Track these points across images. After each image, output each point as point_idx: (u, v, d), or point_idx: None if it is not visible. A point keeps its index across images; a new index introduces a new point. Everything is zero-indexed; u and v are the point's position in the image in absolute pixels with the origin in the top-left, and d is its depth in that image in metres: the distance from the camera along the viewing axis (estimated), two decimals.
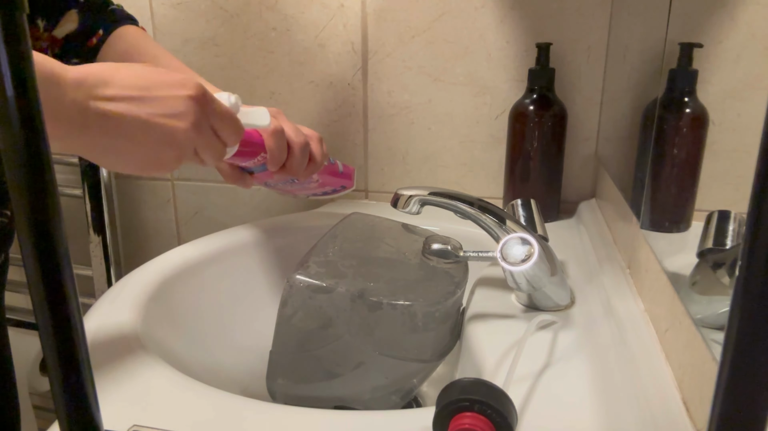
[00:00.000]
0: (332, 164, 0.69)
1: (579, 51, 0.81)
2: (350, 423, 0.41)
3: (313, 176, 0.66)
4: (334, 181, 0.70)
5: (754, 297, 0.18)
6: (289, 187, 0.69)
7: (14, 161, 0.17)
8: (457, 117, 0.87)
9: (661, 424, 0.37)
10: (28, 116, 0.17)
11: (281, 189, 0.70)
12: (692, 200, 0.44)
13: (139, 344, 0.50)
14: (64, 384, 0.20)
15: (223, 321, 0.67)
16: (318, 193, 0.73)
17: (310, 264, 0.53)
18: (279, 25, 0.90)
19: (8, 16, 0.16)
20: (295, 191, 0.72)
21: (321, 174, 0.67)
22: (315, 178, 0.67)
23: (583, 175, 0.86)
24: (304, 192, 0.72)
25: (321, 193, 0.74)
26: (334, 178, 0.70)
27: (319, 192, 0.73)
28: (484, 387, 0.35)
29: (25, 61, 0.17)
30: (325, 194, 0.74)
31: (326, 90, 0.91)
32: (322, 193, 0.74)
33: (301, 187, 0.69)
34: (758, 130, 0.17)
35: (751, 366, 0.18)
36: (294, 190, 0.71)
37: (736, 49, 0.38)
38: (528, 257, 0.49)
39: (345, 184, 0.72)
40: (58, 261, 0.19)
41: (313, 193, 0.73)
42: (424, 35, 0.85)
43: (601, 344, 0.48)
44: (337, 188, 0.72)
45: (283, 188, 0.70)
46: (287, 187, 0.69)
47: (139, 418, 0.40)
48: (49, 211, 0.18)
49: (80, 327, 0.20)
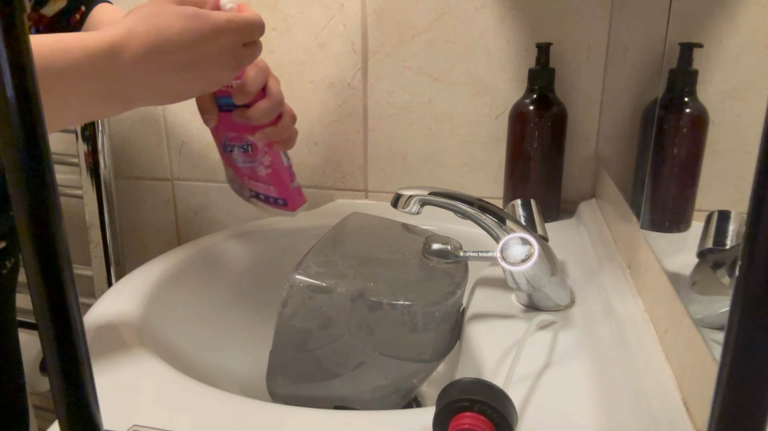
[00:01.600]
0: (288, 164, 0.67)
1: (579, 51, 0.81)
2: (350, 423, 0.41)
3: (266, 158, 0.64)
4: (281, 183, 0.66)
5: (754, 297, 0.18)
6: (241, 160, 0.66)
7: (14, 161, 0.17)
8: (457, 117, 0.87)
9: (661, 424, 0.37)
10: (28, 116, 0.17)
11: (229, 160, 0.67)
12: (692, 200, 0.44)
13: (139, 344, 0.50)
14: (64, 384, 0.20)
15: (223, 321, 0.67)
16: (260, 190, 0.68)
17: (309, 264, 0.53)
18: (279, 25, 0.90)
19: (8, 16, 0.16)
20: (243, 171, 0.67)
21: (274, 163, 0.65)
22: (267, 161, 0.65)
23: (583, 175, 0.86)
24: (249, 179, 0.68)
25: (263, 196, 0.69)
26: (282, 179, 0.66)
27: (261, 187, 0.68)
28: (484, 387, 0.35)
29: (26, 61, 0.17)
30: (267, 199, 0.69)
31: (326, 90, 0.91)
32: (264, 197, 0.69)
33: (251, 164, 0.66)
34: (758, 130, 0.17)
35: (751, 366, 0.18)
36: (243, 169, 0.67)
37: (736, 49, 0.38)
38: (528, 257, 0.49)
39: (287, 199, 0.68)
40: (58, 262, 0.19)
41: (256, 188, 0.68)
42: (424, 35, 0.85)
43: (601, 344, 0.48)
44: (279, 199, 0.68)
45: (232, 160, 0.67)
46: (238, 160, 0.66)
47: (139, 418, 0.40)
48: (49, 211, 0.18)
49: (80, 327, 0.20)
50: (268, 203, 0.69)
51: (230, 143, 0.65)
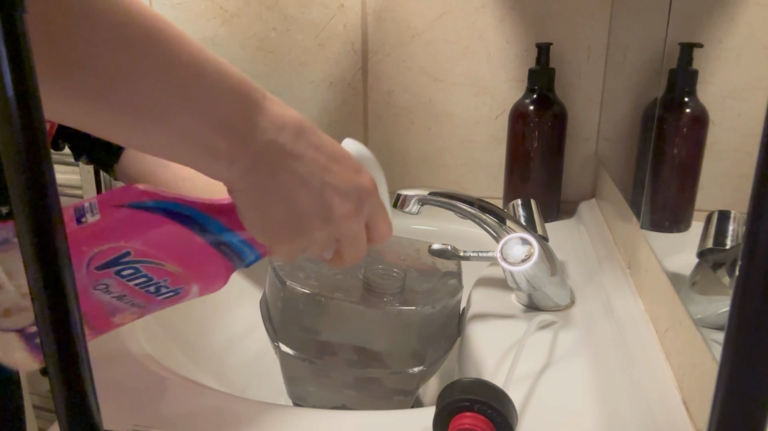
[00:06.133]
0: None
1: (579, 51, 0.81)
2: (350, 423, 0.41)
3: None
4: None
5: (754, 297, 0.18)
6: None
7: (14, 161, 0.17)
8: (457, 117, 0.87)
9: (661, 424, 0.37)
10: (28, 116, 0.17)
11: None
12: (692, 200, 0.44)
13: (139, 344, 0.50)
14: (64, 384, 0.20)
15: (223, 321, 0.67)
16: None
17: (306, 271, 0.53)
18: (279, 25, 0.90)
19: (8, 16, 0.16)
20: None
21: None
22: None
23: (583, 175, 0.86)
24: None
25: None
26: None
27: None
28: (484, 387, 0.35)
29: (26, 62, 0.17)
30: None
31: (326, 90, 0.91)
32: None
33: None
34: (758, 130, 0.17)
35: (751, 366, 0.18)
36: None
37: (736, 49, 0.38)
38: (528, 257, 0.49)
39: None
40: (58, 262, 0.19)
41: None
42: (424, 35, 0.85)
43: (601, 344, 0.48)
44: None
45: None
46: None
47: (139, 418, 0.40)
48: (49, 211, 0.18)
49: (80, 327, 0.20)
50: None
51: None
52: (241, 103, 0.31)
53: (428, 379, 0.55)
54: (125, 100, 0.27)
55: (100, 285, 0.33)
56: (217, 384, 0.57)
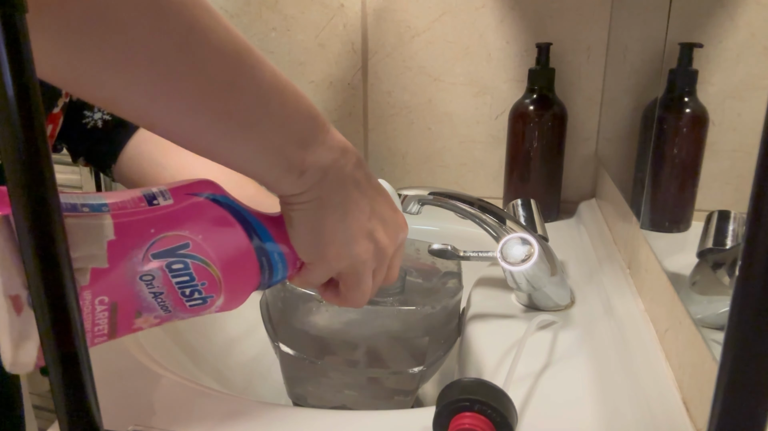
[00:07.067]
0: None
1: (579, 51, 0.81)
2: (350, 423, 0.41)
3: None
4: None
5: (754, 297, 0.18)
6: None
7: (14, 161, 0.17)
8: (457, 117, 0.87)
9: (661, 424, 0.37)
10: (28, 116, 0.17)
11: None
12: (692, 200, 0.44)
13: (139, 344, 0.50)
14: (64, 384, 0.20)
15: (223, 321, 0.67)
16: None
17: None
18: (279, 25, 0.90)
19: (8, 16, 0.16)
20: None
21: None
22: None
23: (583, 175, 0.86)
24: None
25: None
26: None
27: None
28: (484, 387, 0.35)
29: (26, 62, 0.17)
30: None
31: (326, 90, 0.91)
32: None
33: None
34: (758, 130, 0.17)
35: (751, 366, 0.18)
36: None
37: (736, 49, 0.38)
38: (528, 257, 0.49)
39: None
40: (58, 261, 0.19)
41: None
42: (424, 35, 0.85)
43: (601, 344, 0.48)
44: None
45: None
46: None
47: (139, 418, 0.40)
48: (49, 211, 0.18)
49: (80, 327, 0.20)
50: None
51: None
52: (313, 122, 0.34)
53: (428, 379, 0.55)
54: (223, 106, 0.29)
55: (147, 275, 0.32)
56: (217, 384, 0.57)
